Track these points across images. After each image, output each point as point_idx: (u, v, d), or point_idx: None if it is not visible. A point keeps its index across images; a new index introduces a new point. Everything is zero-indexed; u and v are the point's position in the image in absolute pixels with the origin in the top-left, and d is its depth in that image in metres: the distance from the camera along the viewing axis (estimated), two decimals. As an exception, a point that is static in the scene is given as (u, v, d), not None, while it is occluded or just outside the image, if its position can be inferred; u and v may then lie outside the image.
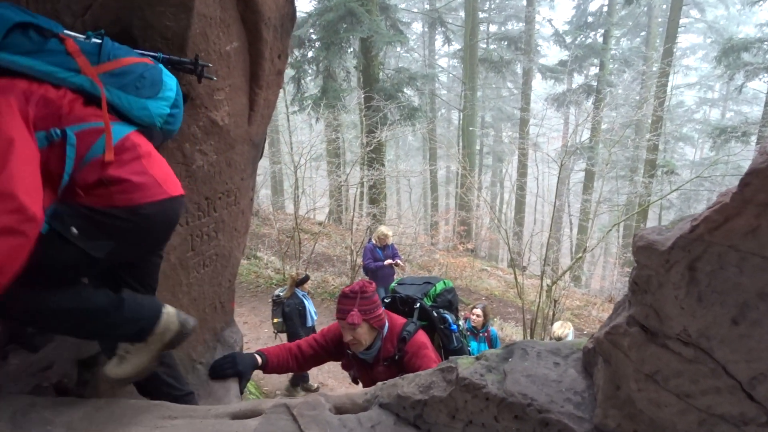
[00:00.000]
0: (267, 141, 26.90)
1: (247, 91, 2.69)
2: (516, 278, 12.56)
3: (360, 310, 2.91)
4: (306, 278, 7.64)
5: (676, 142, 34.55)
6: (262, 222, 19.65)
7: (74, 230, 1.71)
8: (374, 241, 9.48)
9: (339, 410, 1.99)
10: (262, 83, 2.73)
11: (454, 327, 3.35)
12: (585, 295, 21.86)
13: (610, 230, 13.53)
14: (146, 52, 2.08)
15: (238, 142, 2.74)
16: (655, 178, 19.70)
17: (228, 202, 2.86)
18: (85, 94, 1.84)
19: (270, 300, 8.05)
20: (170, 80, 2.07)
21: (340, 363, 3.37)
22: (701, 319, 1.22)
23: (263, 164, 23.88)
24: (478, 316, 7.19)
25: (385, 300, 3.48)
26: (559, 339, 6.50)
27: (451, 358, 1.84)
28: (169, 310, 2.15)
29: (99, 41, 1.93)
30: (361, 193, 19.36)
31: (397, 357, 2.99)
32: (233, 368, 2.97)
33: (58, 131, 1.72)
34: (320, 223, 21.64)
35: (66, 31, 1.87)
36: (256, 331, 10.69)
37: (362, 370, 3.19)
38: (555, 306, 11.98)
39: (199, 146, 2.49)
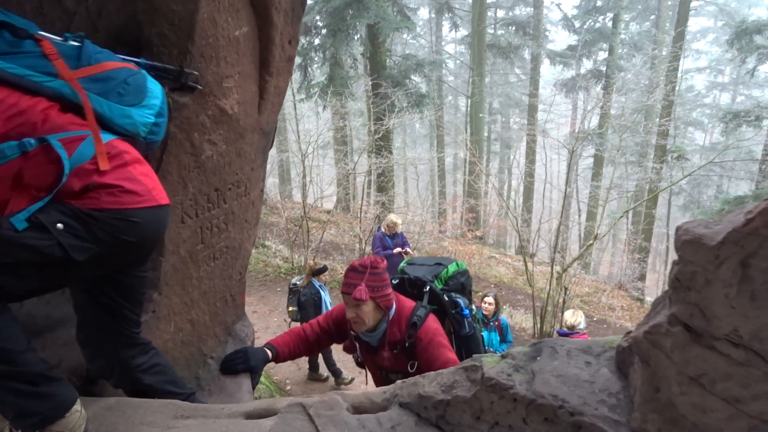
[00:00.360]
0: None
1: (256, 78, 2.60)
2: (526, 265, 12.47)
3: (368, 286, 2.71)
4: (324, 269, 7.59)
5: (686, 127, 34.21)
6: (269, 211, 19.62)
7: (59, 225, 1.63)
8: (383, 230, 9.40)
9: (357, 410, 1.92)
10: (272, 70, 2.63)
11: (467, 312, 3.13)
12: (594, 281, 21.76)
13: (621, 217, 13.38)
14: (128, 58, 1.97)
15: (248, 132, 2.66)
16: (665, 163, 19.48)
17: (238, 193, 2.78)
18: (63, 101, 1.74)
19: (288, 288, 8.02)
20: (155, 87, 1.98)
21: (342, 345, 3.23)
22: (755, 319, 1.13)
23: (270, 153, 23.78)
24: (489, 304, 7.11)
25: (393, 281, 3.23)
26: (571, 327, 6.43)
27: (474, 356, 1.76)
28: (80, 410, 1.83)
29: (79, 44, 1.83)
30: (369, 181, 19.27)
31: (407, 344, 2.80)
32: (245, 363, 2.90)
33: (33, 141, 1.64)
34: (328, 212, 21.59)
35: (41, 32, 1.76)
36: (265, 321, 10.67)
37: (366, 353, 3.03)
38: (565, 293, 11.89)
39: (208, 136, 2.41)
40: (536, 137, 19.95)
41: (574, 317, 6.53)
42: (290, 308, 7.58)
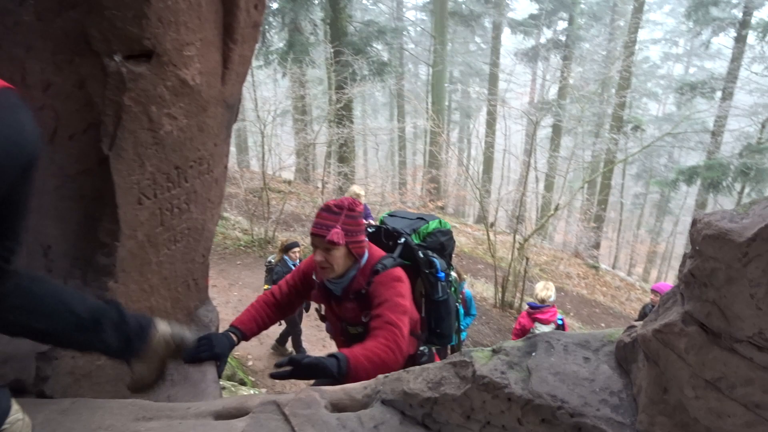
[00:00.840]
0: (230, 97, 26.21)
1: (220, 46, 2.39)
2: (488, 235, 12.52)
3: (344, 230, 2.50)
4: (294, 244, 7.41)
5: (641, 97, 34.81)
6: (227, 181, 19.16)
7: None
8: None
9: (336, 407, 1.79)
10: (236, 37, 2.42)
11: (442, 275, 2.88)
12: (552, 249, 22.17)
13: (581, 187, 13.53)
14: None
15: (211, 104, 2.45)
16: (622, 134, 19.78)
17: (200, 171, 2.58)
18: None
19: (265, 265, 7.86)
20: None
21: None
22: (784, 322, 1.04)
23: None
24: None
25: (369, 230, 3.01)
26: (542, 301, 6.48)
27: (463, 350, 1.64)
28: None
29: None
30: (330, 152, 18.99)
31: (364, 291, 2.59)
32: (209, 351, 2.73)
33: None
34: (288, 182, 21.22)
35: None
36: (225, 295, 10.44)
37: (328, 303, 2.84)
38: (527, 263, 12.02)
39: (167, 109, 2.20)
40: (497, 107, 19.94)
41: (545, 291, 6.58)
42: (265, 286, 7.49)
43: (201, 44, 2.21)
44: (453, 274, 3.18)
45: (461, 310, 7.07)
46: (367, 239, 2.69)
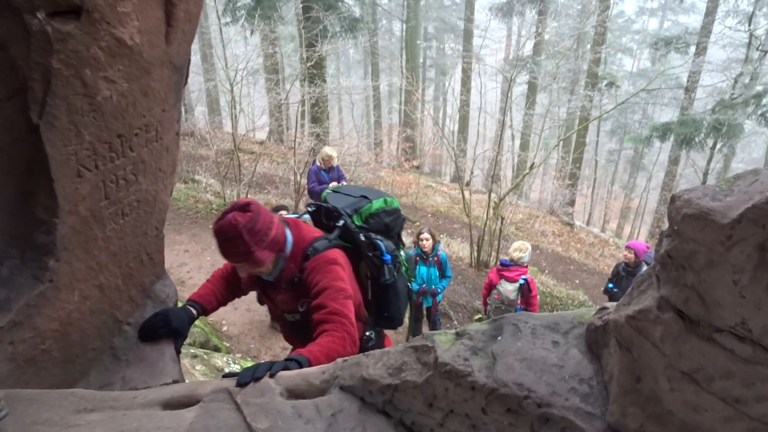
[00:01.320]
0: (198, 55, 25.23)
1: (161, 2, 2.17)
2: (463, 195, 12.45)
3: (257, 246, 2.33)
4: (281, 207, 7.27)
5: (616, 53, 34.66)
6: (198, 143, 18.73)
7: None
8: (319, 163, 9.02)
9: (292, 393, 1.68)
10: (179, -10, 2.21)
11: (388, 257, 2.70)
12: (527, 207, 22.26)
13: (556, 146, 13.46)
14: None
15: (154, 66, 2.25)
16: (597, 90, 19.68)
17: (148, 139, 2.39)
18: None
19: None
20: None
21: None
22: (770, 312, 0.93)
23: (196, 80, 22.54)
24: (426, 239, 7.02)
25: (309, 208, 2.91)
26: (513, 261, 6.46)
27: (425, 334, 1.53)
28: None
29: None
30: (303, 111, 18.60)
31: (297, 279, 2.46)
32: (167, 327, 2.60)
33: None
34: (260, 143, 20.83)
35: None
36: (198, 260, 10.28)
37: (265, 291, 2.72)
38: (501, 222, 12.01)
39: (103, 72, 2.00)
40: (471, 64, 19.63)
41: (517, 252, 6.57)
42: None
43: (139, 0, 2.01)
44: (403, 253, 3.00)
45: (435, 272, 7.07)
46: (279, 223, 2.48)
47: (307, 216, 2.92)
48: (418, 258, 7.16)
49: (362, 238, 2.68)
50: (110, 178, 2.24)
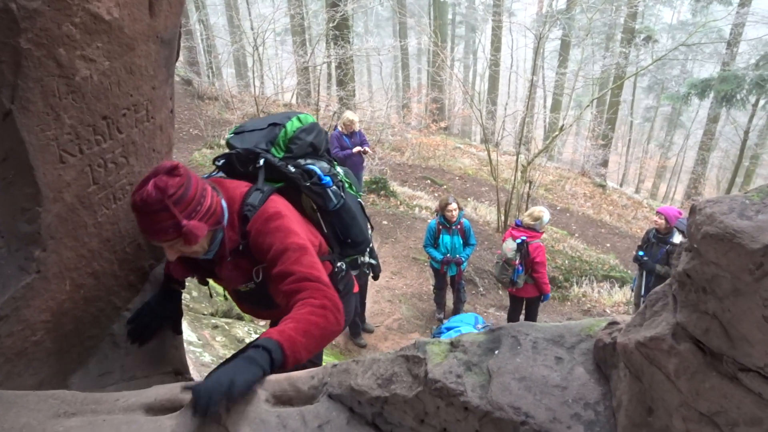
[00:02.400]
0: (225, 17, 24.98)
1: (140, -30, 2.01)
2: (490, 159, 12.15)
3: (195, 220, 1.95)
4: None
5: (654, 4, 33.13)
6: (224, 106, 18.64)
7: None
8: (340, 128, 8.84)
9: (279, 400, 1.57)
10: (160, -42, 2.04)
11: (327, 180, 2.37)
12: (558, 168, 21.77)
13: (588, 105, 12.98)
14: None
15: (139, 41, 2.10)
16: (633, 45, 18.86)
17: (137, 119, 2.26)
18: None
19: None
20: None
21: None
22: (809, 357, 0.76)
23: (222, 43, 22.37)
24: (454, 210, 6.85)
25: (217, 162, 2.44)
26: (529, 226, 6.33)
27: (417, 341, 1.39)
28: None
29: None
30: (329, 74, 18.29)
31: (241, 247, 2.11)
32: (156, 319, 2.46)
33: None
34: (287, 105, 20.64)
35: None
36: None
37: (204, 272, 2.39)
38: (530, 187, 11.72)
39: (80, 51, 1.86)
40: (502, 21, 18.95)
41: (529, 218, 6.43)
42: None
43: (113, -31, 1.85)
44: (340, 170, 2.62)
45: (459, 241, 6.92)
46: (214, 193, 2.09)
47: (220, 174, 2.45)
48: (441, 226, 7.01)
49: (291, 169, 2.33)
50: (97, 162, 2.12)
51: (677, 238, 6.36)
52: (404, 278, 9.07)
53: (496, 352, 1.28)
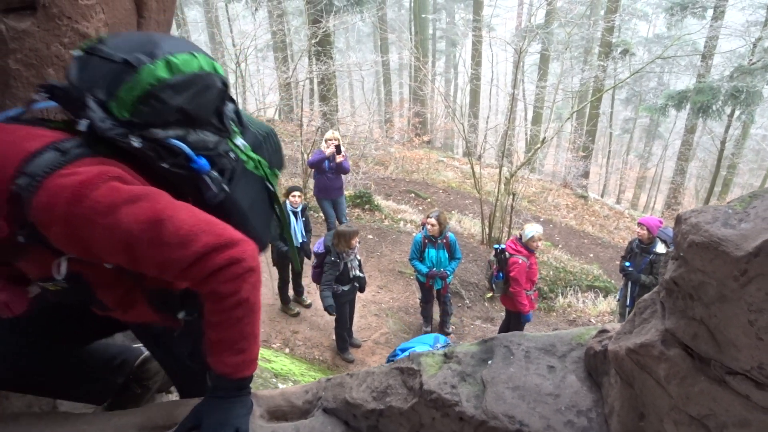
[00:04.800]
0: (206, 34, 24.93)
1: (129, -9, 2.03)
2: (473, 171, 12.25)
3: None
4: (294, 188, 7.21)
5: (630, 18, 33.74)
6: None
7: None
8: (322, 147, 8.82)
9: (273, 415, 1.58)
10: (148, -21, 2.06)
11: (202, 162, 1.50)
12: (540, 180, 21.97)
13: (568, 119, 13.16)
14: None
15: (127, 61, 2.12)
16: (611, 59, 19.18)
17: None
18: None
19: None
20: None
21: None
22: (793, 359, 0.79)
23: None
24: (432, 225, 6.90)
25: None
26: (527, 245, 6.37)
27: (412, 354, 1.41)
28: None
29: None
30: (311, 89, 18.36)
31: (23, 238, 1.29)
32: None
33: None
34: (269, 121, 20.63)
35: None
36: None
37: None
38: (513, 199, 11.81)
39: (69, 71, 1.87)
40: (482, 36, 19.19)
41: (530, 236, 6.44)
42: None
43: (102, -9, 1.87)
44: (240, 141, 1.72)
45: (445, 255, 6.95)
46: None
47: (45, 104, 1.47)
48: (426, 240, 7.04)
49: (135, 143, 1.40)
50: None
51: (660, 248, 6.46)
52: (390, 292, 9.08)
53: (490, 362, 1.31)
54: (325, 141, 8.69)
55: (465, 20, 31.60)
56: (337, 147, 8.59)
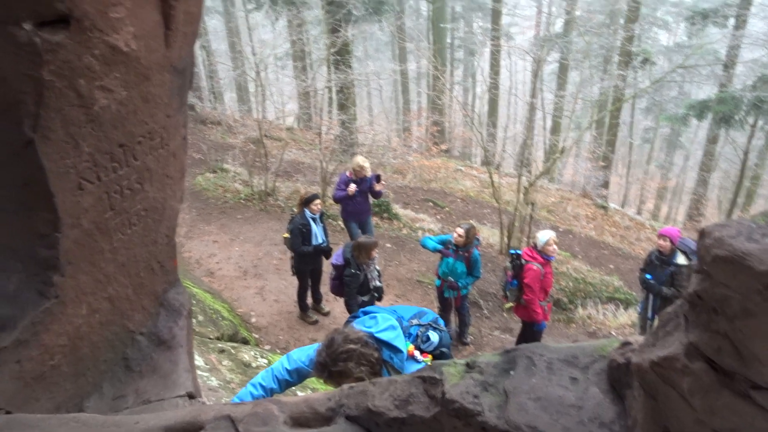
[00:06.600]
0: (226, 43, 25.28)
1: (158, 4, 2.08)
2: (492, 181, 12.22)
3: None
4: (313, 197, 7.33)
5: (651, 27, 33.51)
6: (226, 131, 18.81)
7: None
8: (348, 173, 8.68)
9: (296, 422, 1.60)
10: (177, -8, 2.11)
11: None
12: (559, 190, 21.84)
13: (587, 128, 13.09)
14: None
15: (154, 71, 2.17)
16: (631, 68, 19.06)
17: (152, 146, 2.32)
18: None
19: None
20: None
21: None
22: (819, 374, 0.80)
23: (225, 68, 22.64)
24: (459, 235, 6.88)
25: None
26: (543, 251, 6.35)
27: (434, 363, 1.43)
28: None
29: None
30: (330, 98, 18.48)
31: None
32: None
33: None
34: (289, 129, 20.82)
35: None
36: (226, 250, 10.32)
37: None
38: (532, 208, 11.77)
39: (99, 81, 1.92)
40: (500, 44, 19.20)
41: (544, 241, 6.42)
42: (285, 234, 7.56)
43: (132, 3, 1.92)
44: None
45: (462, 267, 6.91)
46: None
47: None
48: (448, 246, 7.02)
49: None
50: (114, 188, 2.18)
51: (681, 259, 6.38)
52: (408, 301, 9.08)
53: (512, 372, 1.31)
54: (353, 168, 8.58)
55: (483, 29, 31.62)
56: (378, 176, 8.56)
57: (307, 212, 7.25)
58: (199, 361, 4.68)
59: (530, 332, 6.83)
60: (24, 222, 2.00)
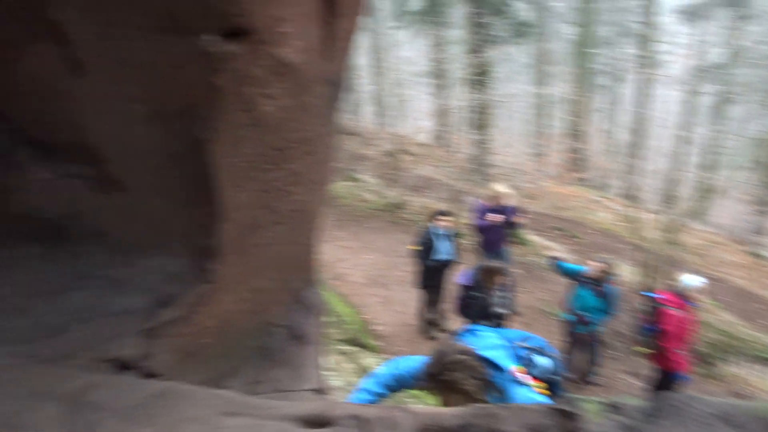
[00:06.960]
0: (368, 58, 26.34)
1: (319, 20, 2.22)
2: (632, 215, 11.55)
3: None
4: (440, 212, 7.49)
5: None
6: (363, 142, 19.44)
7: None
8: (482, 200, 8.33)
9: (423, 432, 1.61)
10: (339, 10, 2.24)
11: None
12: (707, 232, 20.17)
13: (743, 167, 11.99)
14: None
15: (313, 83, 2.31)
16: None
17: (303, 152, 2.47)
18: None
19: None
20: None
21: None
22: None
23: (367, 81, 23.49)
24: (598, 268, 6.54)
25: None
26: (684, 294, 5.88)
27: (570, 398, 1.38)
28: None
29: None
30: (466, 117, 18.53)
31: None
32: None
33: None
34: (424, 145, 21.11)
35: None
36: (356, 257, 10.60)
37: None
38: (676, 249, 10.95)
39: (264, 90, 2.08)
40: (649, 73, 18.19)
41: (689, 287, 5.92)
42: (412, 246, 7.72)
43: (299, 20, 2.06)
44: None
45: (593, 300, 6.53)
46: None
47: None
48: (584, 278, 6.70)
49: None
50: (266, 188, 2.34)
51: None
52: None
53: (658, 420, 1.24)
54: (494, 197, 8.07)
55: (630, 56, 30.16)
56: (516, 209, 8.15)
57: (432, 226, 7.30)
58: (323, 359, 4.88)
59: (668, 382, 6.28)
60: (190, 213, 2.20)
